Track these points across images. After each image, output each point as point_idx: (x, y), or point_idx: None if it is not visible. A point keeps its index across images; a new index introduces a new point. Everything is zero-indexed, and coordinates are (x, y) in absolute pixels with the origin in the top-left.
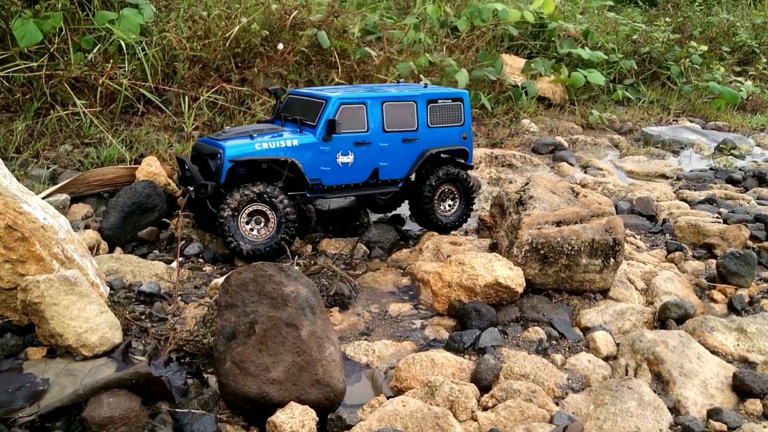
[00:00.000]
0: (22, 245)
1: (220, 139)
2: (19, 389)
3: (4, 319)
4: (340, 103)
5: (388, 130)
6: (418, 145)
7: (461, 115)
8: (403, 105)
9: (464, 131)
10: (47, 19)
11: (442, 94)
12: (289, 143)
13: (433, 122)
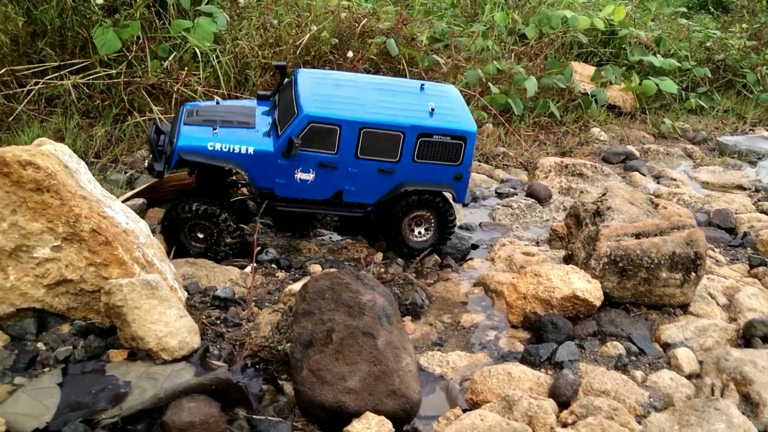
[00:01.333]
0: (106, 249)
1: (186, 122)
2: (101, 391)
3: (87, 321)
4: (309, 122)
5: (361, 156)
6: (395, 177)
7: (460, 154)
8: (386, 135)
9: (459, 171)
10: (126, 28)
11: (440, 129)
12: (243, 149)
13: (420, 157)
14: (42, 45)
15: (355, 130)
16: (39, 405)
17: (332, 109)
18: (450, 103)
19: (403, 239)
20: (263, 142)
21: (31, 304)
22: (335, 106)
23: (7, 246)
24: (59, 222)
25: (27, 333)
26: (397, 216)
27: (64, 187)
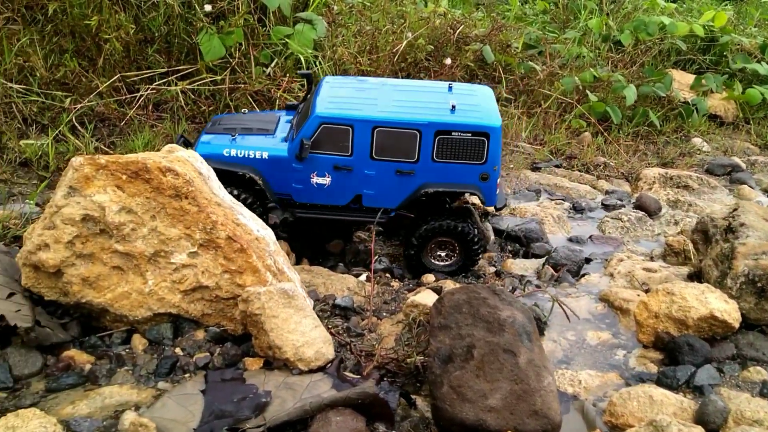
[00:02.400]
0: (241, 256)
1: (207, 131)
2: (243, 399)
3: (221, 328)
4: (320, 123)
5: (377, 158)
6: (415, 179)
7: (483, 151)
8: (402, 133)
9: (485, 171)
10: (230, 35)
11: (459, 125)
12: (258, 155)
13: (440, 156)
14: (151, 52)
15: (368, 129)
16: (185, 411)
17: (344, 110)
18: (476, 100)
19: (422, 261)
20: (279, 147)
21: (168, 309)
22: (348, 107)
23: (147, 251)
24: (196, 228)
25: (164, 338)
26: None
27: (201, 194)
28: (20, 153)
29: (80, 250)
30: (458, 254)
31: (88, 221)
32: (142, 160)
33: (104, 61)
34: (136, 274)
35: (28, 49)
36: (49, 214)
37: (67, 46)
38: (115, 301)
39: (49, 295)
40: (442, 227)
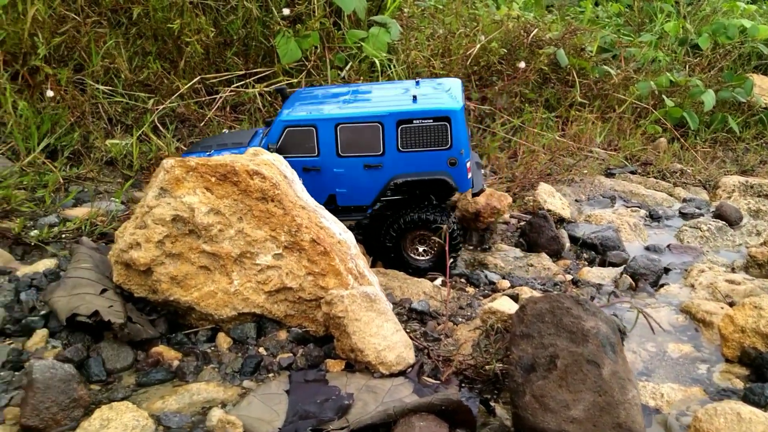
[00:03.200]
0: (324, 259)
1: (187, 151)
2: (326, 401)
3: (302, 329)
4: (285, 127)
5: (343, 154)
6: (384, 172)
7: (447, 137)
8: (364, 127)
9: (452, 155)
10: (306, 38)
11: (417, 112)
12: None
13: (405, 146)
14: (230, 55)
15: (331, 127)
16: (270, 411)
17: (306, 112)
18: (441, 90)
19: (401, 257)
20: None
21: (252, 309)
22: (310, 109)
23: (233, 252)
24: (281, 231)
25: (248, 337)
26: (388, 240)
27: (286, 197)
28: (106, 152)
29: (170, 249)
30: (437, 248)
31: (178, 221)
32: (230, 163)
33: (185, 64)
34: (222, 274)
35: (114, 52)
36: (140, 214)
37: (149, 49)
38: (202, 300)
39: (139, 292)
40: (420, 219)
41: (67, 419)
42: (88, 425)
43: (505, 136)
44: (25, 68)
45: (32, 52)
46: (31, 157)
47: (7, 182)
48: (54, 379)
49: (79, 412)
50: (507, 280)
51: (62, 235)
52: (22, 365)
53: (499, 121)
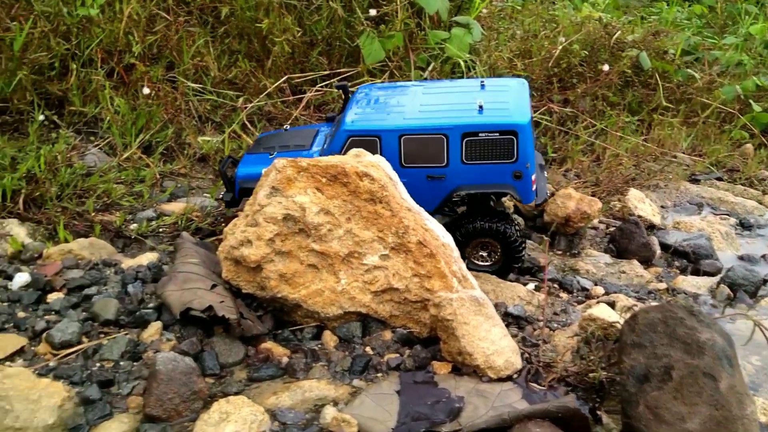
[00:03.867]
0: (430, 261)
1: (248, 151)
2: (437, 403)
3: (407, 330)
4: (348, 137)
5: (406, 165)
6: (447, 183)
7: (513, 150)
8: (429, 139)
9: (517, 169)
10: (391, 39)
11: (484, 125)
12: None
13: (469, 158)
14: (315, 55)
15: (395, 138)
16: (382, 411)
17: (371, 121)
18: (507, 97)
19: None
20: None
21: (358, 308)
22: (374, 117)
23: (341, 251)
24: (389, 232)
25: (354, 336)
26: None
27: (393, 199)
28: (198, 149)
29: (279, 247)
30: (500, 254)
31: (289, 220)
32: (341, 164)
33: (272, 63)
34: (329, 273)
35: (203, 50)
36: (251, 212)
37: (236, 48)
38: (309, 298)
39: (247, 289)
40: (483, 228)
41: (187, 411)
42: (208, 417)
43: (588, 139)
44: (120, 65)
45: (127, 50)
46: (129, 152)
47: (108, 176)
48: (176, 371)
49: (199, 404)
50: (600, 287)
51: (159, 229)
52: (140, 356)
53: (582, 124)
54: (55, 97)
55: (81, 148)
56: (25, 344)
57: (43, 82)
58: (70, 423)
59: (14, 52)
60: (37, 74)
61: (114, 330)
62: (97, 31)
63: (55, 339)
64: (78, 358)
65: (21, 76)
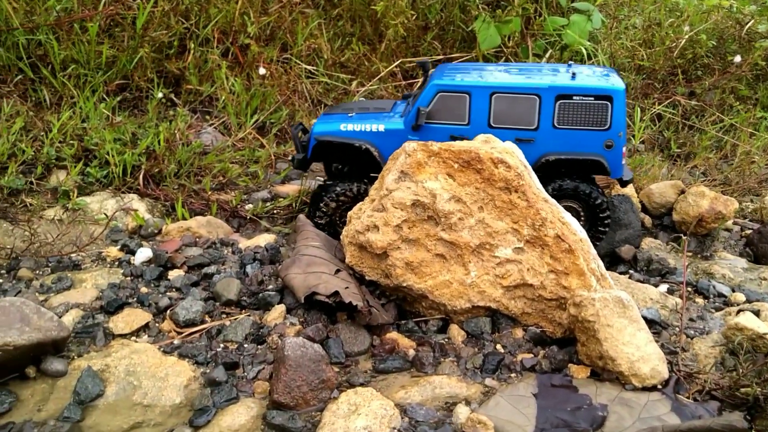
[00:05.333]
0: (568, 257)
1: (326, 112)
2: (578, 409)
3: (539, 328)
4: (437, 91)
5: (495, 125)
6: (536, 147)
7: (607, 117)
8: (521, 98)
9: (609, 138)
10: (507, 24)
11: (579, 88)
12: (374, 128)
13: (561, 122)
14: (429, 39)
15: (486, 95)
16: (518, 414)
17: (461, 78)
18: (598, 71)
19: None
20: (395, 122)
21: (488, 303)
22: (465, 77)
23: (472, 242)
24: (524, 224)
25: (483, 332)
26: None
27: (530, 189)
28: None
29: (407, 234)
30: (585, 221)
31: (418, 207)
32: (474, 150)
33: (385, 46)
34: (458, 264)
35: (316, 32)
36: (378, 197)
37: (349, 31)
38: (436, 289)
39: (371, 276)
40: (567, 189)
41: (315, 400)
42: (336, 408)
43: (716, 135)
44: (236, 45)
45: (242, 31)
46: (244, 132)
47: (223, 156)
48: (305, 357)
49: (327, 394)
50: (740, 294)
51: (274, 211)
52: (263, 339)
53: (709, 118)
54: (173, 75)
55: (197, 126)
56: (150, 320)
57: (162, 60)
58: (196, 404)
59: (136, 30)
60: (156, 53)
61: (235, 311)
62: (214, 11)
63: (179, 317)
64: (202, 337)
65: (142, 53)
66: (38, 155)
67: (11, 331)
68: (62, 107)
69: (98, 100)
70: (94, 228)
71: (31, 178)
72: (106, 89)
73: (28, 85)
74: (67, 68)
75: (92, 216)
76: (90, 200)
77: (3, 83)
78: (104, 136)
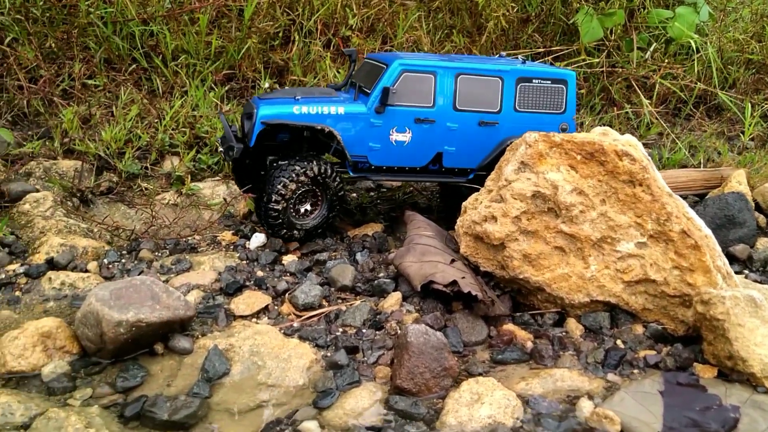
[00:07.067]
0: (694, 254)
1: (262, 98)
2: (707, 410)
3: (661, 325)
4: (402, 70)
5: (460, 108)
6: (498, 131)
7: (562, 101)
8: (485, 80)
9: (564, 121)
10: (611, 16)
11: (539, 72)
12: (333, 110)
13: (522, 106)
14: (529, 31)
15: (451, 76)
16: (645, 411)
17: (425, 59)
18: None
19: None
20: (351, 105)
21: (607, 297)
22: (429, 58)
23: (593, 236)
24: (648, 218)
25: (601, 327)
26: None
27: (655, 182)
28: None
29: (525, 226)
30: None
31: (538, 198)
32: (598, 142)
33: (485, 39)
34: (577, 257)
35: (415, 24)
36: (496, 187)
37: (448, 23)
38: (553, 282)
39: (486, 266)
40: None
41: (437, 387)
42: (459, 396)
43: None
44: (338, 37)
45: (344, 23)
46: None
47: None
48: (427, 345)
49: (449, 382)
50: None
51: (377, 200)
52: (381, 325)
53: None
54: (277, 66)
55: None
56: (269, 303)
57: (267, 51)
58: (319, 386)
59: (244, 21)
60: (262, 44)
61: (350, 296)
62: (318, 3)
63: (298, 300)
64: (320, 321)
65: (249, 44)
66: (153, 142)
67: (143, 308)
68: (173, 95)
69: (207, 89)
70: (207, 213)
71: (146, 164)
72: (214, 79)
73: (141, 74)
74: (177, 58)
75: (205, 201)
76: (202, 186)
77: (119, 72)
78: (215, 124)
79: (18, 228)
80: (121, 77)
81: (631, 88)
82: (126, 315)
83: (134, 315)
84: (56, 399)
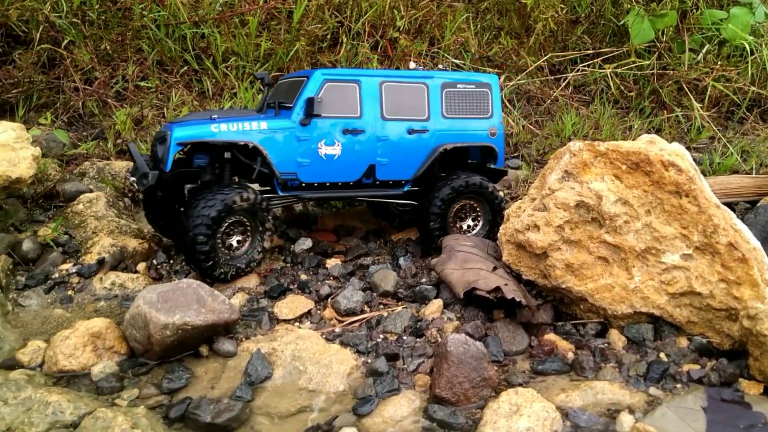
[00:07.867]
0: (741, 267)
1: (175, 122)
2: (751, 427)
3: (705, 339)
4: (325, 80)
5: (388, 117)
6: (429, 138)
7: (488, 105)
8: (410, 87)
9: (492, 126)
10: (662, 18)
11: (461, 77)
12: (255, 126)
13: (450, 112)
14: (579, 33)
15: (376, 84)
16: (687, 427)
17: (346, 71)
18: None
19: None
20: (273, 120)
21: (650, 309)
22: (351, 69)
23: (638, 246)
24: (694, 230)
25: (645, 339)
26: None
27: (702, 193)
28: None
29: (568, 235)
30: (485, 219)
31: (581, 208)
32: (644, 152)
33: (533, 40)
34: (621, 268)
35: (463, 26)
36: (539, 196)
37: (496, 25)
38: (596, 292)
39: (528, 275)
40: (468, 186)
41: (476, 397)
42: (497, 407)
43: None
44: (386, 39)
45: (391, 24)
46: None
47: None
48: (467, 354)
49: (488, 392)
50: None
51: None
52: (422, 333)
53: None
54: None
55: None
56: (312, 307)
57: (315, 53)
58: (359, 392)
59: (293, 24)
60: (310, 46)
61: (392, 302)
62: (365, 5)
63: (341, 305)
64: (362, 326)
65: (298, 46)
66: None
67: (189, 312)
68: (223, 97)
69: (256, 91)
70: None
71: None
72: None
73: (192, 75)
74: (227, 60)
75: None
76: None
77: (170, 74)
78: None
79: (72, 228)
80: (172, 79)
81: (682, 91)
82: (172, 318)
83: (180, 318)
84: (104, 398)
